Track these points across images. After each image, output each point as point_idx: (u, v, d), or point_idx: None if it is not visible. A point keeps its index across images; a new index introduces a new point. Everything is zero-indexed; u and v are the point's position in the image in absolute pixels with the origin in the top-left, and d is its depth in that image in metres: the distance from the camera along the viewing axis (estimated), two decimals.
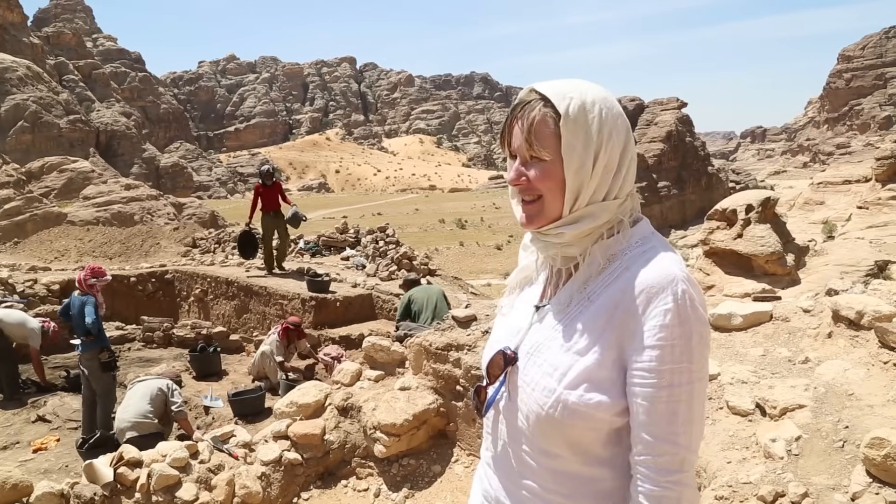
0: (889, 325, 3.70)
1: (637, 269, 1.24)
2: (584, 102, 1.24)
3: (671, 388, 1.19)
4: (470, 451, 4.79)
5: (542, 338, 1.33)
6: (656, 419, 1.20)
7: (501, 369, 1.36)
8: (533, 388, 1.29)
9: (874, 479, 2.82)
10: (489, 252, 60.31)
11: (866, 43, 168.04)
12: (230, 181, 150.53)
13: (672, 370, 1.19)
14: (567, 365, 1.25)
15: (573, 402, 1.23)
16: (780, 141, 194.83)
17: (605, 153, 1.25)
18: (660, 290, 1.20)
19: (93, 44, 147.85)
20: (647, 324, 1.20)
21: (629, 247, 1.29)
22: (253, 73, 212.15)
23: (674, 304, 1.19)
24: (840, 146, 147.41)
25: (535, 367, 1.30)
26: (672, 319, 1.19)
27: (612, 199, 1.28)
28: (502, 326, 1.47)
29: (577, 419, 1.23)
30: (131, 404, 6.00)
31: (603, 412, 1.23)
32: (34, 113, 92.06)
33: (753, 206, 13.68)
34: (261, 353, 8.20)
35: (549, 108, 1.25)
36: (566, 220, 1.28)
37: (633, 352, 1.22)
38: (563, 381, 1.25)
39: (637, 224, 1.33)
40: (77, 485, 4.21)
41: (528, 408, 1.30)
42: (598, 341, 1.24)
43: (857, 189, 40.42)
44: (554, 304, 1.35)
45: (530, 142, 1.26)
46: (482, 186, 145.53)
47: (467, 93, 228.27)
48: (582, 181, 1.25)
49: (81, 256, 19.45)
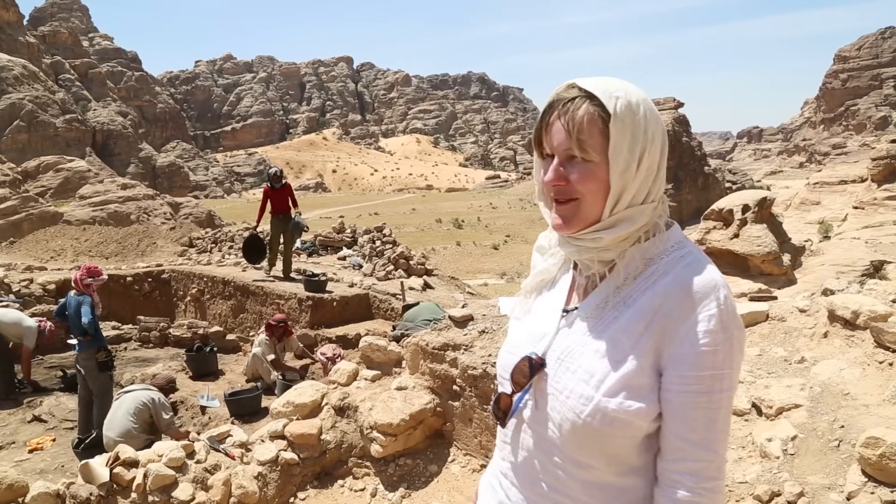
0: (885, 324, 3.71)
1: (677, 273, 1.22)
2: (630, 102, 1.21)
3: (711, 395, 1.18)
4: (466, 451, 4.79)
5: (573, 343, 1.28)
6: (695, 425, 1.18)
7: (527, 376, 1.31)
8: (567, 396, 1.25)
9: (869, 479, 2.82)
10: (486, 252, 60.31)
11: (862, 43, 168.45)
12: (227, 181, 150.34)
13: (713, 376, 1.17)
14: (604, 371, 1.22)
15: (613, 409, 1.19)
16: (777, 141, 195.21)
17: (649, 155, 1.22)
18: (704, 296, 1.18)
19: (89, 43, 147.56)
20: (690, 329, 1.18)
21: (665, 251, 1.26)
22: (250, 72, 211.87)
23: (717, 309, 1.18)
24: (836, 146, 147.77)
25: (569, 374, 1.26)
26: (716, 325, 1.17)
27: (649, 201, 1.25)
28: (521, 331, 1.42)
29: (616, 427, 1.20)
30: (116, 419, 5.92)
31: (642, 419, 1.20)
32: (30, 112, 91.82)
33: (750, 206, 13.71)
34: (252, 356, 8.20)
35: (597, 106, 1.20)
36: (605, 223, 1.24)
37: (672, 357, 1.19)
38: (601, 387, 1.21)
39: (670, 228, 1.30)
40: (73, 485, 4.20)
41: (562, 416, 1.25)
42: (636, 347, 1.21)
43: (853, 189, 40.52)
44: (584, 309, 1.30)
45: (580, 141, 1.20)
46: (479, 186, 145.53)
47: (464, 92, 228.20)
48: (626, 183, 1.21)
49: (77, 256, 19.41)
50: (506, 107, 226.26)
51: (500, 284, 40.28)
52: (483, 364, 4.60)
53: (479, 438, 4.70)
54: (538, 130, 1.27)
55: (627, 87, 1.22)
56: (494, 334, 4.87)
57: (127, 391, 6.26)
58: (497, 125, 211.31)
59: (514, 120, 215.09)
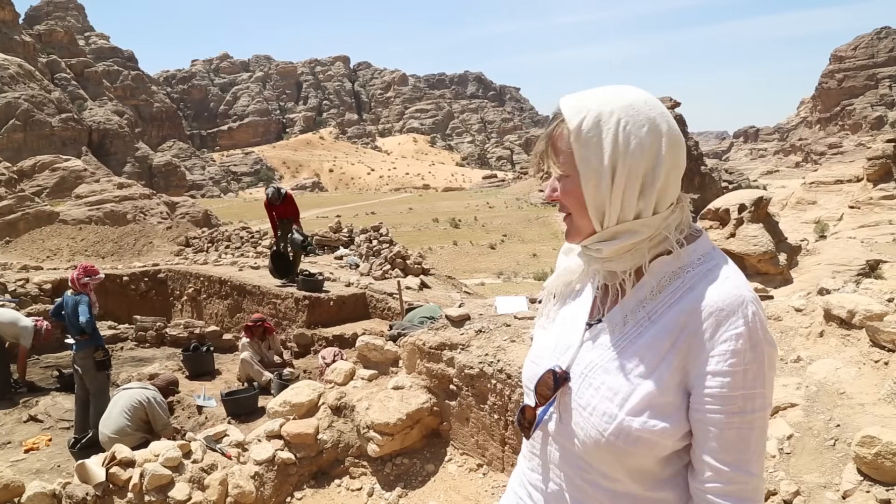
0: (880, 323, 3.72)
1: (703, 288, 1.18)
2: (601, 115, 1.19)
3: (744, 415, 1.14)
4: (463, 451, 4.79)
5: (597, 358, 1.26)
6: (728, 447, 1.15)
7: (552, 389, 1.29)
8: (591, 413, 1.22)
9: (865, 478, 2.83)
10: (483, 251, 60.30)
11: (858, 43, 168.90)
12: (223, 180, 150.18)
13: (745, 396, 1.14)
14: (628, 389, 1.19)
15: (637, 429, 1.17)
16: (773, 141, 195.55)
17: (625, 166, 1.19)
18: (730, 313, 1.14)
19: (85, 42, 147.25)
20: (716, 348, 1.14)
21: (690, 264, 1.23)
22: (246, 71, 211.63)
23: (745, 327, 1.13)
24: (832, 146, 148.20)
25: (592, 390, 1.23)
26: (744, 344, 1.13)
27: (650, 213, 1.22)
28: (546, 341, 1.39)
29: (639, 446, 1.18)
30: (112, 417, 5.92)
31: (667, 439, 1.18)
32: (26, 111, 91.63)
33: (746, 205, 13.74)
34: (241, 361, 8.22)
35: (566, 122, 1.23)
36: (602, 235, 1.24)
37: (700, 376, 1.16)
38: (624, 406, 1.18)
39: (697, 240, 1.26)
40: (69, 485, 4.19)
41: (585, 433, 1.23)
42: (661, 364, 1.18)
43: (848, 189, 40.63)
44: (608, 322, 1.28)
45: (553, 158, 1.25)
46: (476, 186, 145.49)
47: (461, 92, 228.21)
48: (603, 197, 1.20)
49: (74, 255, 19.37)
50: (503, 106, 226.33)
51: (496, 284, 40.28)
52: (480, 364, 4.60)
53: (475, 438, 4.70)
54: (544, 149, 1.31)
55: (607, 99, 1.21)
56: (491, 334, 4.87)
57: (124, 389, 6.25)
58: (494, 125, 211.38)
59: (511, 119, 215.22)
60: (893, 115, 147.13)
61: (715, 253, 1.26)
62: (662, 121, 1.21)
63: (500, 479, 4.49)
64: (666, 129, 1.21)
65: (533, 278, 41.65)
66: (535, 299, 5.78)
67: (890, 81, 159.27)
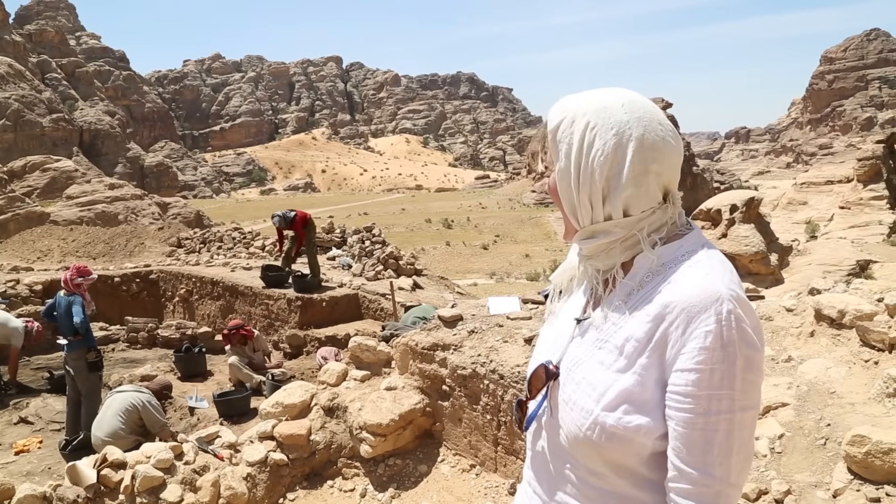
0: (870, 323, 3.74)
1: (679, 284, 1.16)
2: (575, 116, 1.23)
3: (707, 416, 1.10)
4: (456, 451, 4.79)
5: (581, 353, 1.26)
6: (690, 447, 1.11)
7: (543, 383, 1.31)
8: (571, 408, 1.23)
9: (855, 476, 2.85)
10: (475, 252, 60.29)
11: (848, 45, 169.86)
12: (215, 181, 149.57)
13: (710, 396, 1.10)
14: (606, 384, 1.18)
15: (611, 424, 1.15)
16: (764, 141, 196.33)
17: (586, 170, 1.20)
18: (702, 310, 1.11)
19: (76, 42, 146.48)
20: (686, 345, 1.11)
21: (673, 260, 1.21)
22: (238, 72, 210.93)
23: (716, 325, 1.10)
24: (823, 147, 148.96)
25: (574, 385, 1.24)
26: (713, 342, 1.09)
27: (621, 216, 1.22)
28: (547, 335, 1.42)
29: (614, 443, 1.16)
30: (105, 419, 5.89)
31: (643, 436, 1.15)
32: (16, 111, 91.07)
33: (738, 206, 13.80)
34: (230, 365, 8.22)
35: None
36: (581, 234, 1.28)
37: (672, 373, 1.13)
38: (601, 401, 1.17)
39: (684, 237, 1.24)
40: (60, 487, 4.17)
41: (567, 427, 1.24)
42: (638, 359, 1.17)
43: (839, 189, 40.84)
44: (595, 318, 1.28)
45: (542, 157, 1.32)
46: (468, 186, 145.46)
47: (454, 93, 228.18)
48: (571, 197, 1.24)
49: (65, 256, 19.27)
50: (495, 107, 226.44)
51: (489, 284, 40.29)
52: (472, 364, 4.61)
53: (468, 438, 4.70)
54: None
55: (586, 102, 1.23)
56: (484, 334, 4.88)
57: (118, 391, 6.22)
58: (486, 125, 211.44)
59: (504, 120, 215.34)
60: (883, 117, 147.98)
61: (700, 250, 1.22)
62: (637, 125, 1.18)
63: (492, 480, 4.49)
64: (639, 133, 1.18)
65: (525, 279, 41.68)
66: (528, 300, 5.79)
67: (879, 83, 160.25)
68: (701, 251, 1.22)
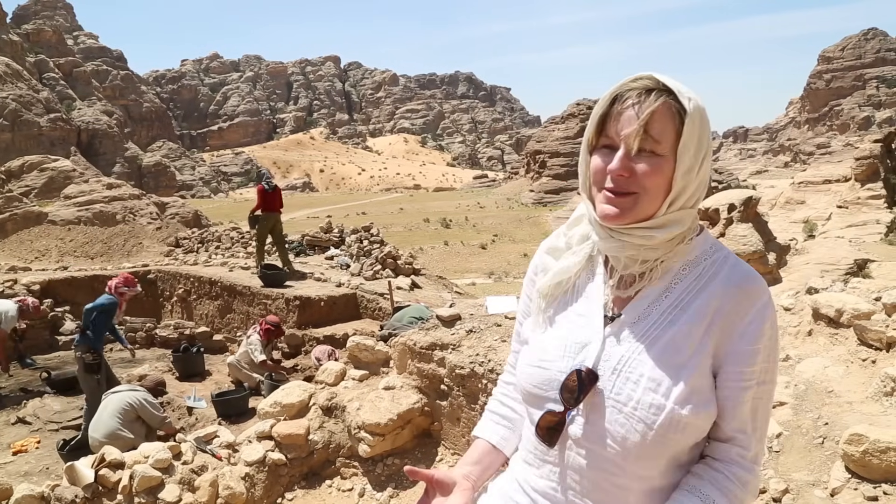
0: (868, 322, 3.75)
1: (730, 273, 1.24)
2: (700, 105, 1.19)
3: (760, 387, 1.23)
4: (455, 451, 4.79)
5: (628, 351, 1.24)
6: (748, 416, 1.23)
7: (575, 392, 1.24)
8: (634, 408, 1.19)
9: (853, 475, 2.85)
10: (473, 251, 60.34)
11: (846, 44, 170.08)
12: (213, 180, 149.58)
13: (764, 369, 1.23)
14: (671, 378, 1.19)
15: (686, 415, 1.18)
16: (762, 141, 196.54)
17: (707, 161, 1.22)
18: (760, 294, 1.22)
19: (73, 41, 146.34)
20: (749, 326, 1.21)
21: (706, 252, 1.27)
22: (236, 71, 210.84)
23: (770, 309, 1.23)
24: (820, 146, 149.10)
25: (630, 384, 1.21)
26: (768, 321, 1.22)
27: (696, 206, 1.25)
28: (550, 343, 1.33)
29: (686, 432, 1.20)
30: (102, 421, 5.88)
31: (707, 421, 1.22)
32: (14, 111, 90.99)
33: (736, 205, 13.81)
34: (229, 365, 8.19)
35: (674, 100, 1.18)
36: (657, 221, 1.21)
37: (730, 354, 1.22)
38: (671, 395, 1.18)
39: (703, 231, 1.30)
40: (58, 487, 4.16)
41: (627, 429, 1.20)
42: (698, 349, 1.21)
43: (837, 188, 40.92)
44: (630, 314, 1.26)
45: (650, 132, 1.17)
46: (467, 186, 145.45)
47: (452, 92, 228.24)
48: (686, 184, 1.20)
49: (62, 256, 19.24)
50: (493, 106, 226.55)
51: (487, 284, 40.34)
52: (471, 363, 4.61)
53: (466, 438, 4.70)
54: (602, 118, 1.23)
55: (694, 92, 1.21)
56: (482, 334, 4.88)
57: (113, 392, 6.21)
58: (485, 125, 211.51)
59: (502, 119, 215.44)
60: (881, 116, 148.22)
61: (719, 243, 1.30)
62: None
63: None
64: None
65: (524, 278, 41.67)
66: None
67: (877, 82, 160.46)
68: (719, 244, 1.30)
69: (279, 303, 10.28)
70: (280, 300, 10.26)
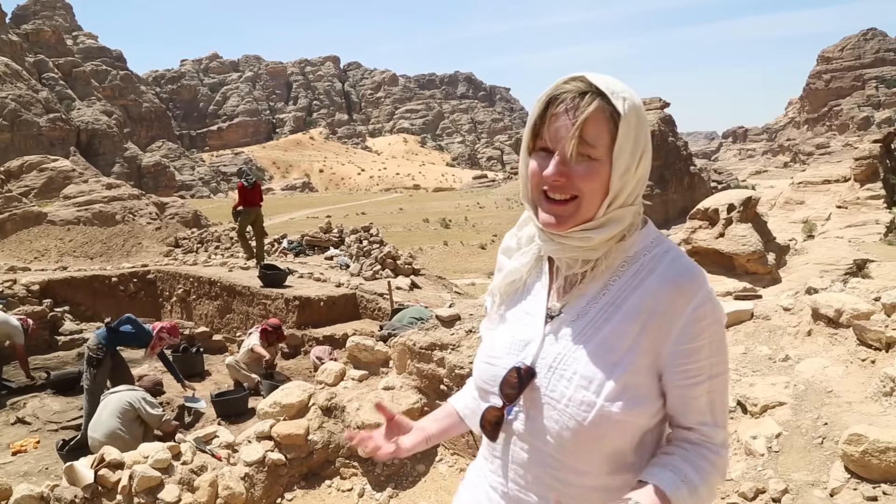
0: (867, 322, 3.75)
1: (665, 270, 1.22)
2: (635, 104, 1.18)
3: (712, 380, 1.23)
4: (454, 451, 4.79)
5: (564, 349, 1.25)
6: (703, 410, 1.24)
7: (516, 388, 1.26)
8: (566, 405, 1.21)
9: (852, 475, 2.85)
10: (473, 251, 60.34)
11: (845, 45, 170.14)
12: (213, 180, 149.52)
13: (712, 363, 1.22)
14: (603, 376, 1.20)
15: (616, 412, 1.18)
16: (762, 141, 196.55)
17: (646, 158, 1.22)
18: (696, 290, 1.20)
19: (73, 41, 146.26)
20: (686, 325, 1.19)
21: (646, 248, 1.26)
22: (236, 71, 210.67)
23: (709, 303, 1.21)
24: (820, 146, 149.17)
25: (564, 381, 1.22)
26: (709, 317, 1.20)
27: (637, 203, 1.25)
28: (499, 340, 1.36)
29: (619, 429, 1.20)
30: (101, 421, 5.87)
31: (642, 418, 1.22)
32: (13, 111, 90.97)
33: (735, 205, 13.81)
34: (227, 366, 8.18)
35: (607, 104, 1.16)
36: (596, 223, 1.21)
37: (673, 353, 1.21)
38: (601, 392, 1.19)
39: (647, 225, 1.29)
40: (57, 487, 4.16)
41: (561, 425, 1.22)
42: (632, 347, 1.21)
43: (836, 189, 40.92)
44: (569, 312, 1.27)
45: (584, 137, 1.16)
46: (466, 186, 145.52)
47: (451, 92, 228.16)
48: (624, 185, 1.20)
49: (62, 256, 19.24)
50: (493, 106, 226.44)
51: (487, 284, 40.16)
52: (471, 363, 4.59)
53: (466, 438, 4.70)
54: (536, 123, 1.22)
55: (630, 89, 1.20)
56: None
57: (112, 392, 6.21)
58: (484, 125, 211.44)
59: (501, 120, 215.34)
60: (880, 116, 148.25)
61: (663, 237, 1.29)
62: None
63: None
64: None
65: None
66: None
67: (876, 82, 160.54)
68: (664, 238, 1.29)
69: (279, 303, 10.27)
70: (280, 300, 10.26)
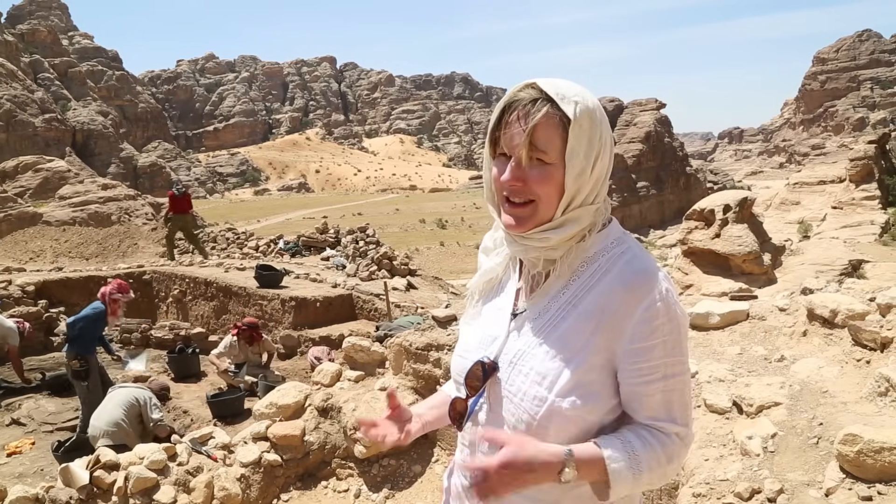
0: (862, 323, 3.76)
1: (619, 271, 1.25)
2: (588, 107, 1.21)
3: (666, 380, 1.24)
4: (450, 451, 4.79)
5: (524, 345, 1.30)
6: (658, 409, 1.25)
7: (481, 380, 1.33)
8: (521, 399, 1.27)
9: (847, 475, 2.86)
10: (469, 252, 60.34)
11: (840, 45, 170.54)
12: (209, 181, 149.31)
13: (666, 364, 1.23)
14: (556, 372, 1.24)
15: (566, 408, 1.22)
16: (757, 142, 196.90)
17: (602, 160, 1.24)
18: (648, 291, 1.22)
19: (69, 42, 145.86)
20: (638, 324, 1.22)
21: (606, 248, 1.29)
22: (232, 72, 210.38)
23: (662, 303, 1.22)
24: (815, 147, 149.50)
25: (521, 377, 1.28)
26: (662, 317, 1.22)
27: (596, 203, 1.27)
28: (472, 335, 1.43)
29: (569, 425, 1.24)
30: (106, 411, 5.87)
31: (595, 415, 1.25)
32: (8, 111, 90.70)
33: (731, 206, 13.83)
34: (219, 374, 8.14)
35: (556, 109, 1.20)
36: (553, 224, 1.25)
37: (626, 353, 1.23)
38: (553, 388, 1.23)
39: (608, 226, 1.32)
40: (52, 488, 4.15)
41: (516, 418, 1.27)
42: (585, 345, 1.24)
43: (831, 189, 40.98)
44: (532, 310, 1.32)
45: (535, 143, 1.21)
46: (463, 186, 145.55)
47: (448, 93, 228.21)
48: (580, 187, 1.23)
49: (57, 257, 19.17)
50: (489, 107, 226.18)
51: None
52: None
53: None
54: (494, 130, 1.28)
55: (584, 92, 1.23)
56: None
57: (120, 386, 6.23)
58: (480, 125, 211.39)
59: None
60: (875, 117, 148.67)
61: (626, 237, 1.32)
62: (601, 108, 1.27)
63: None
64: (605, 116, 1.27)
65: None
66: None
67: (871, 83, 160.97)
68: (626, 238, 1.31)
69: (275, 303, 10.26)
70: (276, 301, 10.25)
